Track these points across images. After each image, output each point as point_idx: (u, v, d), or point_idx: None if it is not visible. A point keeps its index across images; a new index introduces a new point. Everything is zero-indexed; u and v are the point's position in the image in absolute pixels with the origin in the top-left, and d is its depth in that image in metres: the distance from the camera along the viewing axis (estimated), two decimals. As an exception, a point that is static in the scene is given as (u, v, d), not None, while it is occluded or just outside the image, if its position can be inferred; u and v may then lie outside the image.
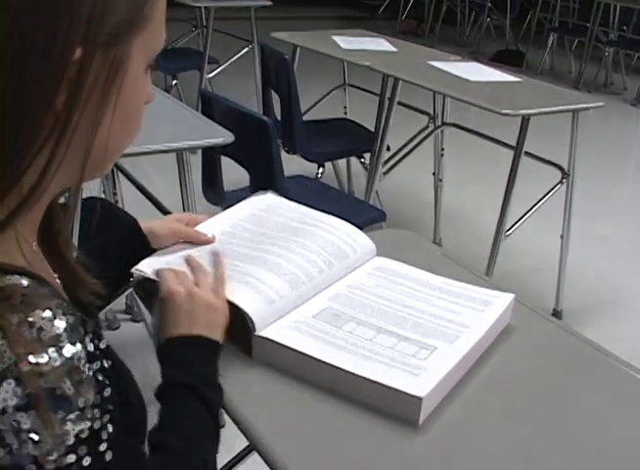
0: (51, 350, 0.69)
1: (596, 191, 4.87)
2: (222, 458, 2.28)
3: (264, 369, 1.15)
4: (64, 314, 0.72)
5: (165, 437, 0.97)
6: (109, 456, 0.72)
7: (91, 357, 0.72)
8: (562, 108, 3.10)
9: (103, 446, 0.71)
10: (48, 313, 0.71)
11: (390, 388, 1.06)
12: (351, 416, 1.07)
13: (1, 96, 0.70)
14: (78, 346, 0.71)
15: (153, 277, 1.20)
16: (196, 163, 2.67)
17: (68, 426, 0.68)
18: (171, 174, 2.60)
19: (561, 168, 3.29)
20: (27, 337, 0.68)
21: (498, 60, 8.20)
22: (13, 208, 0.75)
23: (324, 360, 1.10)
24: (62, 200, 0.90)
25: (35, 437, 0.67)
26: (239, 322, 1.15)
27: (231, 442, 2.48)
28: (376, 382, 1.07)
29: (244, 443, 1.78)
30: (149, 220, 1.33)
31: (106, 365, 0.75)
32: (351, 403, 1.09)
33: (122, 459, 0.75)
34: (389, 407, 1.07)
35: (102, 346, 0.76)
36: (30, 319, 0.69)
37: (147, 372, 0.97)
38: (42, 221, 0.87)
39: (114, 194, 2.96)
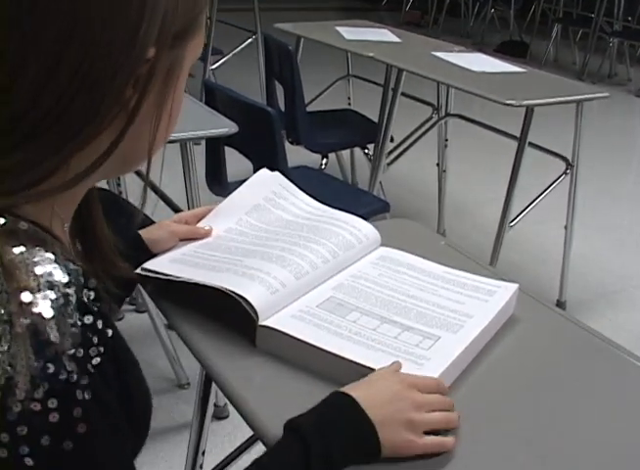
0: (42, 288, 0.69)
1: (600, 182, 4.87)
2: (225, 449, 2.29)
3: (268, 359, 1.15)
4: (66, 260, 0.72)
5: None
6: (82, 429, 0.69)
7: (84, 309, 0.71)
8: (566, 99, 3.10)
9: (77, 412, 0.68)
10: (49, 255, 0.72)
11: None
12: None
13: (81, 74, 0.73)
14: (72, 293, 0.71)
15: (164, 277, 1.21)
16: (200, 153, 2.67)
17: (44, 371, 0.67)
18: (175, 165, 2.60)
19: (565, 159, 3.29)
20: (22, 271, 0.69)
21: (502, 51, 8.19)
22: (59, 184, 0.77)
23: (328, 350, 1.10)
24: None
25: (9, 369, 0.66)
26: (243, 312, 1.15)
27: (235, 432, 2.50)
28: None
29: (247, 433, 1.79)
30: (148, 221, 1.34)
31: (100, 327, 0.73)
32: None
33: (101, 448, 0.72)
34: None
35: (103, 309, 0.74)
36: (28, 254, 0.71)
37: (150, 362, 0.97)
38: (83, 208, 0.91)
39: (118, 185, 2.96)
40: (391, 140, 3.67)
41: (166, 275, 1.22)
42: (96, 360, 0.71)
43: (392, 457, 0.97)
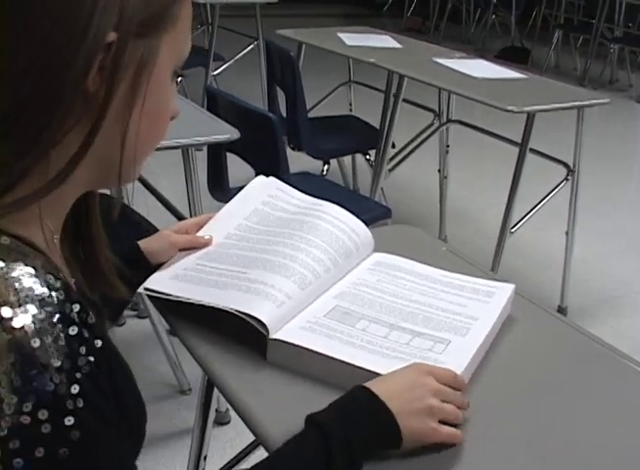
0: (23, 302, 0.69)
1: (601, 188, 4.87)
2: (227, 455, 2.29)
3: (271, 365, 1.15)
4: (47, 273, 0.72)
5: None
6: (75, 436, 0.69)
7: (68, 321, 0.71)
8: (567, 105, 3.10)
9: (69, 420, 0.68)
10: (29, 268, 0.71)
11: None
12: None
13: (35, 67, 0.72)
14: (54, 306, 0.70)
15: (169, 297, 1.21)
16: (201, 159, 2.67)
17: (29, 384, 0.67)
18: (177, 171, 2.61)
19: (566, 165, 3.29)
20: (3, 286, 0.69)
21: (503, 57, 8.20)
22: (37, 188, 0.76)
23: (343, 360, 1.10)
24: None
25: None
26: (249, 325, 1.15)
27: (236, 438, 2.50)
28: None
29: (249, 439, 1.79)
30: (152, 229, 1.33)
31: (86, 336, 0.72)
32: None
33: (99, 451, 0.72)
34: None
35: (90, 321, 0.74)
36: (8, 269, 0.70)
37: (151, 368, 0.97)
38: (80, 222, 0.91)
39: (120, 190, 2.96)
40: (393, 146, 3.67)
41: (171, 296, 1.21)
42: (85, 369, 0.71)
43: (411, 448, 0.98)
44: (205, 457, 1.84)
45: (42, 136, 0.74)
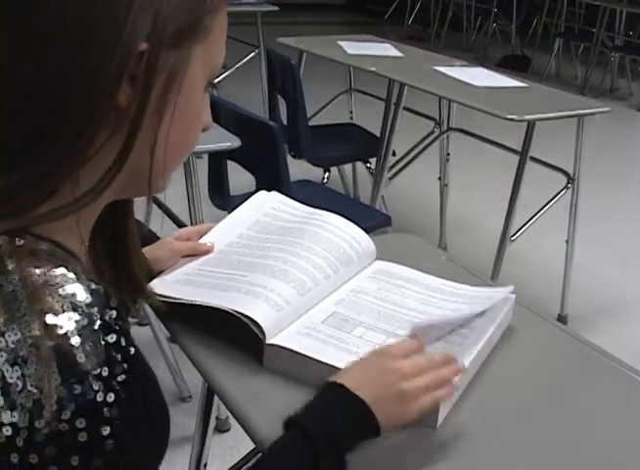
0: (66, 308, 0.69)
1: (601, 196, 4.87)
2: (227, 462, 2.29)
3: (271, 373, 1.16)
4: (87, 280, 0.72)
5: None
6: (109, 446, 0.69)
7: (108, 329, 0.71)
8: (567, 113, 3.11)
9: (104, 430, 0.69)
10: (71, 275, 0.71)
11: None
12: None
13: (65, 79, 0.71)
14: (95, 313, 0.70)
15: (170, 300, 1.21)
16: (202, 166, 2.68)
17: (70, 392, 0.67)
18: (178, 178, 2.61)
19: (566, 174, 3.30)
20: (45, 291, 0.69)
21: (504, 65, 8.21)
22: (72, 199, 0.76)
23: (339, 367, 1.11)
24: None
25: (36, 392, 0.66)
26: (248, 331, 1.15)
27: (237, 445, 2.50)
28: None
29: (249, 446, 1.79)
30: (154, 237, 1.34)
31: (124, 344, 0.73)
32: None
33: (129, 461, 0.73)
34: None
35: (125, 327, 0.74)
36: (51, 274, 0.70)
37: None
38: (116, 230, 0.92)
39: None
40: (393, 154, 3.68)
41: (171, 298, 1.22)
42: (121, 377, 0.72)
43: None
44: (205, 465, 1.84)
45: (73, 153, 0.73)
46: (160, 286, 1.25)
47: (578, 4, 9.10)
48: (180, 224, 2.73)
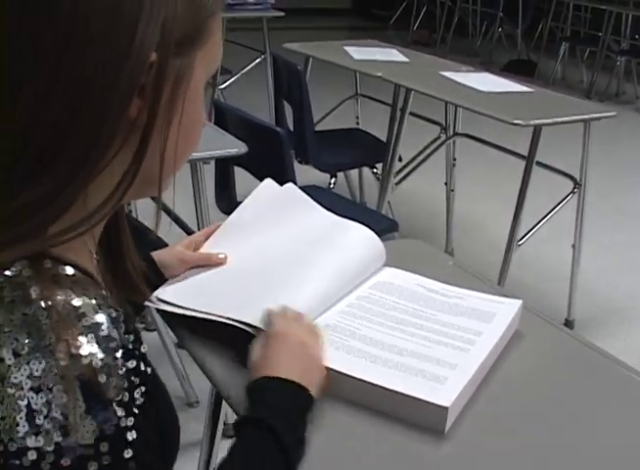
0: (90, 338, 0.70)
1: (608, 201, 4.87)
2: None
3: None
4: (108, 307, 0.73)
5: None
6: (132, 468, 0.71)
7: (128, 355, 0.73)
8: (573, 118, 3.11)
9: (127, 453, 0.71)
10: (93, 302, 0.72)
11: (415, 398, 1.07)
12: (368, 424, 1.08)
13: (77, 93, 0.71)
14: (117, 340, 0.72)
15: (174, 310, 1.22)
16: (209, 171, 2.68)
17: (94, 418, 0.68)
18: (185, 184, 2.62)
19: (572, 178, 3.30)
20: (69, 321, 0.70)
21: (510, 70, 8.20)
22: (86, 214, 0.76)
23: (347, 373, 1.11)
24: None
25: (62, 420, 0.67)
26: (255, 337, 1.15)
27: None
28: (400, 393, 1.08)
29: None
30: (161, 243, 1.34)
31: (142, 368, 0.74)
32: (371, 413, 1.10)
33: None
34: (413, 417, 1.08)
35: (143, 350, 0.76)
36: (75, 304, 0.71)
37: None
38: (109, 231, 0.92)
39: (128, 204, 2.97)
40: (400, 159, 3.68)
41: (178, 307, 1.22)
42: (140, 401, 0.73)
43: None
44: (213, 470, 1.84)
45: (85, 167, 0.73)
46: (166, 294, 1.25)
47: (584, 8, 9.09)
48: (187, 230, 2.74)
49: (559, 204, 3.30)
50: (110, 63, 0.71)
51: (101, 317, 0.72)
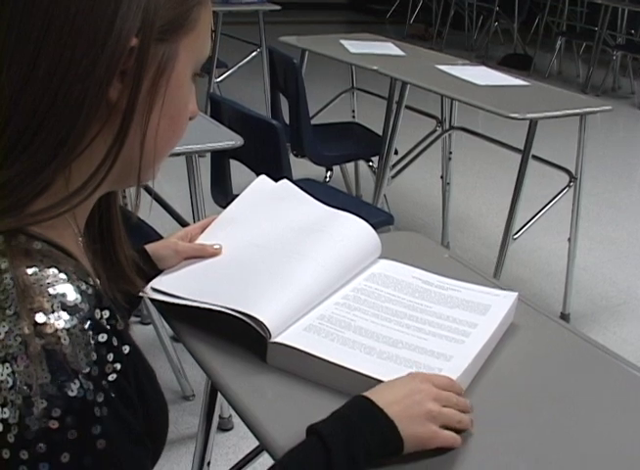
0: (55, 308, 0.70)
1: (604, 194, 4.87)
2: (230, 460, 2.30)
3: (275, 370, 1.16)
4: (79, 279, 0.73)
5: None
6: (101, 445, 0.70)
7: (98, 328, 0.72)
8: (569, 112, 3.11)
9: (95, 429, 0.69)
10: (62, 275, 0.72)
11: None
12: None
13: (56, 77, 0.73)
14: (86, 312, 0.71)
15: (168, 300, 1.21)
16: (205, 165, 2.68)
17: (59, 390, 0.68)
18: (180, 177, 2.62)
19: (568, 172, 3.30)
20: (35, 290, 0.70)
21: (506, 64, 8.21)
22: (66, 194, 0.77)
23: (342, 365, 1.11)
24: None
25: (26, 389, 0.67)
26: (251, 328, 1.15)
27: (239, 443, 2.50)
28: None
29: (252, 444, 1.79)
30: (154, 235, 1.33)
31: (115, 344, 0.73)
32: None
33: (122, 461, 0.73)
34: None
35: (119, 327, 0.75)
36: (43, 274, 0.71)
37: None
38: (101, 219, 0.93)
39: (124, 197, 2.97)
40: (396, 153, 3.68)
41: (174, 296, 1.22)
42: (112, 377, 0.72)
43: (410, 454, 0.98)
44: (208, 463, 1.84)
45: (64, 148, 0.75)
46: (162, 283, 1.25)
47: (580, 2, 9.09)
48: (183, 223, 2.74)
49: (555, 197, 3.30)
50: (89, 47, 0.73)
51: (68, 287, 0.72)
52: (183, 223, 2.72)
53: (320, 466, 0.91)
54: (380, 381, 1.07)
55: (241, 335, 1.18)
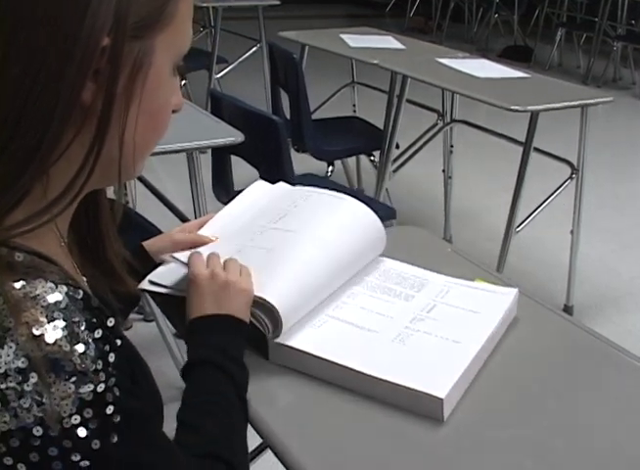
0: (50, 318, 0.70)
1: (606, 186, 4.87)
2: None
3: (278, 367, 1.16)
4: (67, 285, 0.73)
5: (187, 413, 1.02)
6: (116, 419, 0.72)
7: (93, 326, 0.72)
8: (570, 103, 3.10)
9: (109, 409, 0.71)
10: (50, 284, 0.72)
11: (411, 389, 1.07)
12: (368, 413, 1.08)
13: (27, 81, 0.71)
14: (79, 316, 0.72)
15: (163, 291, 1.22)
16: (206, 161, 2.68)
17: (70, 388, 0.69)
18: (182, 174, 2.62)
19: (570, 164, 3.29)
20: (26, 304, 0.70)
21: (506, 56, 8.19)
22: (46, 202, 0.76)
23: (343, 364, 1.11)
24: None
25: (38, 398, 0.68)
26: (253, 325, 1.15)
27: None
28: (396, 384, 1.08)
29: (254, 442, 1.78)
30: (156, 232, 1.34)
31: (109, 338, 0.74)
32: (368, 401, 1.10)
33: (133, 424, 0.75)
34: (411, 407, 1.08)
35: (109, 323, 0.75)
36: (30, 288, 0.71)
37: (157, 371, 0.97)
38: (87, 215, 0.92)
39: (125, 194, 2.97)
40: (397, 147, 3.68)
41: (168, 287, 1.22)
42: (115, 362, 0.73)
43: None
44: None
45: (38, 153, 0.73)
46: (157, 275, 1.25)
47: (580, -7, 9.08)
48: (184, 220, 2.73)
49: (557, 190, 3.30)
50: (58, 47, 0.71)
51: (57, 296, 0.71)
52: (185, 220, 2.72)
53: (220, 377, 1.04)
54: (381, 379, 1.07)
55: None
